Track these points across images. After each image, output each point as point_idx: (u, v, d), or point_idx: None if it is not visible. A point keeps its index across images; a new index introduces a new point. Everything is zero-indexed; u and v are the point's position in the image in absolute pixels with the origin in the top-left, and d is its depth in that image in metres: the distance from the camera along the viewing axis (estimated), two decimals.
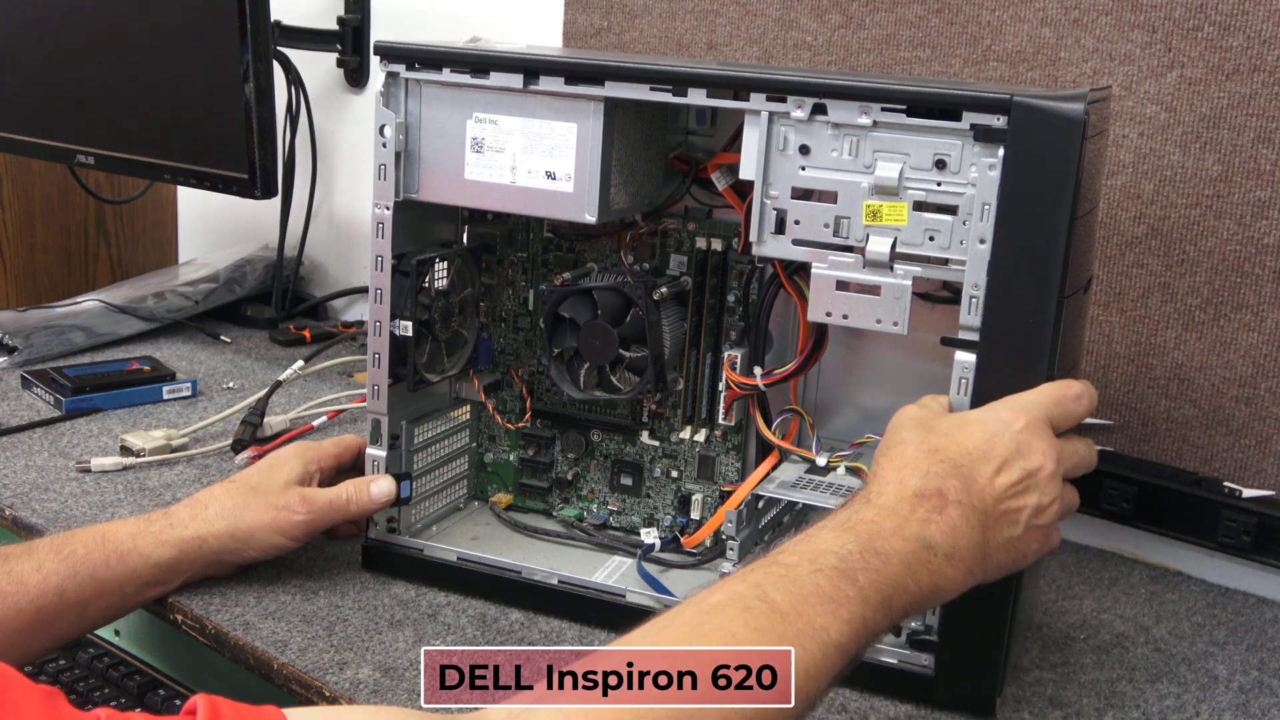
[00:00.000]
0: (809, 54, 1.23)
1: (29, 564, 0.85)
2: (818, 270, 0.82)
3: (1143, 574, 1.08)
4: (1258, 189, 1.01)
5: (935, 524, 0.69)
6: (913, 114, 0.77)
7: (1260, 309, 1.03)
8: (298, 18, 1.63)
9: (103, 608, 0.87)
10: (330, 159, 1.71)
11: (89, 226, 1.87)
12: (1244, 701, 0.88)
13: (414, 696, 0.81)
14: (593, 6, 1.38)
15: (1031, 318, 0.75)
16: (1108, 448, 1.12)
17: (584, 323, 0.93)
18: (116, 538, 0.88)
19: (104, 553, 0.87)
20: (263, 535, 0.91)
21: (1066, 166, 0.73)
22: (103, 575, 0.86)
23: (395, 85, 0.90)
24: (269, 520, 0.91)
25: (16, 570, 0.84)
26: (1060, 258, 0.74)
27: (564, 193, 0.87)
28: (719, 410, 0.96)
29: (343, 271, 1.75)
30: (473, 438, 1.06)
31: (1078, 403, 0.76)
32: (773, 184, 0.82)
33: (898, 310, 0.80)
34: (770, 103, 0.81)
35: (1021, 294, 0.75)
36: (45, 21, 1.54)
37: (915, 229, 0.79)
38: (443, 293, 0.96)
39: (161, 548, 0.89)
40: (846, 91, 0.79)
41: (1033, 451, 0.73)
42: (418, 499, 1.00)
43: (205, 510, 0.91)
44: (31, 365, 1.40)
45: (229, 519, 0.91)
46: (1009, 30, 1.11)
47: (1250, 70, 1.00)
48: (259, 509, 0.91)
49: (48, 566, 0.85)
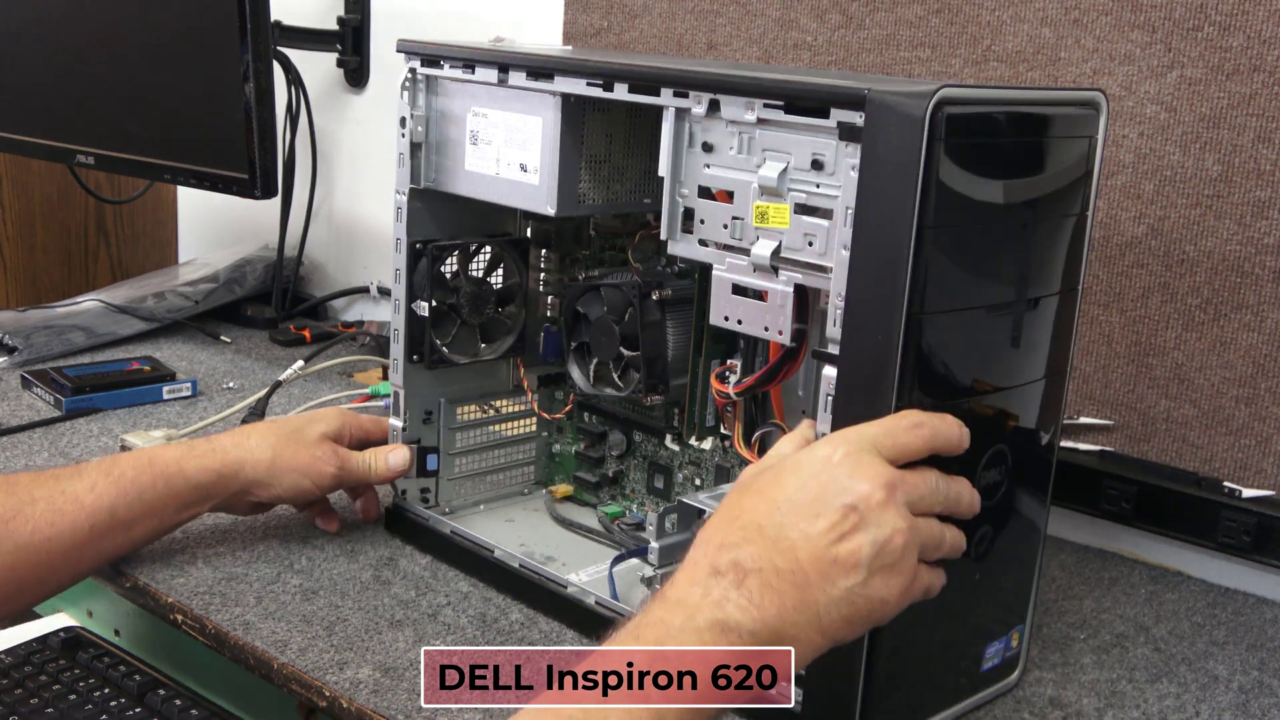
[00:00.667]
0: (809, 54, 1.23)
1: (82, 484, 0.90)
2: (717, 272, 0.79)
3: (1143, 574, 1.08)
4: (1258, 189, 1.01)
5: (733, 601, 0.61)
6: (790, 110, 0.73)
7: (1260, 309, 1.03)
8: (298, 18, 1.63)
9: (148, 528, 0.93)
10: (330, 159, 1.71)
11: (89, 226, 1.87)
12: (1244, 701, 0.88)
13: (414, 696, 0.81)
14: (593, 6, 1.38)
15: (880, 334, 0.69)
16: (1108, 448, 1.12)
17: (594, 319, 0.95)
18: (162, 460, 0.93)
19: (151, 475, 0.92)
20: (293, 476, 0.97)
21: (909, 170, 0.66)
22: (149, 497, 0.92)
23: (412, 80, 0.96)
24: (303, 464, 0.97)
25: (71, 490, 0.89)
26: (905, 270, 0.67)
27: (531, 184, 0.90)
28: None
29: (343, 271, 1.75)
30: (542, 426, 1.10)
31: (913, 432, 0.67)
32: (684, 181, 0.80)
33: (781, 318, 0.75)
34: (677, 98, 0.79)
35: (872, 308, 0.69)
36: (45, 22, 1.54)
37: (796, 233, 0.74)
38: (475, 280, 1.00)
39: (204, 471, 0.94)
40: (733, 87, 0.76)
41: (853, 484, 0.63)
42: (461, 476, 1.05)
43: (247, 440, 0.97)
44: (31, 365, 1.40)
45: (269, 452, 0.96)
46: (1009, 30, 1.11)
47: (1250, 70, 1.00)
48: (296, 451, 0.97)
49: (100, 487, 0.90)
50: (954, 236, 0.70)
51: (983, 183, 0.71)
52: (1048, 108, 0.76)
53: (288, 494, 0.98)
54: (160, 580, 0.94)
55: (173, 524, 0.95)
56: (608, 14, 1.36)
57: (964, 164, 0.69)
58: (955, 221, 0.70)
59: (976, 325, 0.73)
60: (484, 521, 1.04)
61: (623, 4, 1.35)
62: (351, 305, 1.73)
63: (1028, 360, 0.78)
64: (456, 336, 1.01)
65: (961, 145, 0.68)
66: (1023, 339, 0.77)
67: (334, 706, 0.81)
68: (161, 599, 0.92)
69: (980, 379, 0.75)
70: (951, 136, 0.67)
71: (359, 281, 1.71)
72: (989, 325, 0.74)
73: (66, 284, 1.84)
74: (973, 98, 0.69)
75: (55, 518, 0.88)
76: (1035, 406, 0.80)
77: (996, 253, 0.74)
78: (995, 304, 0.74)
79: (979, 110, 0.70)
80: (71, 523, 0.88)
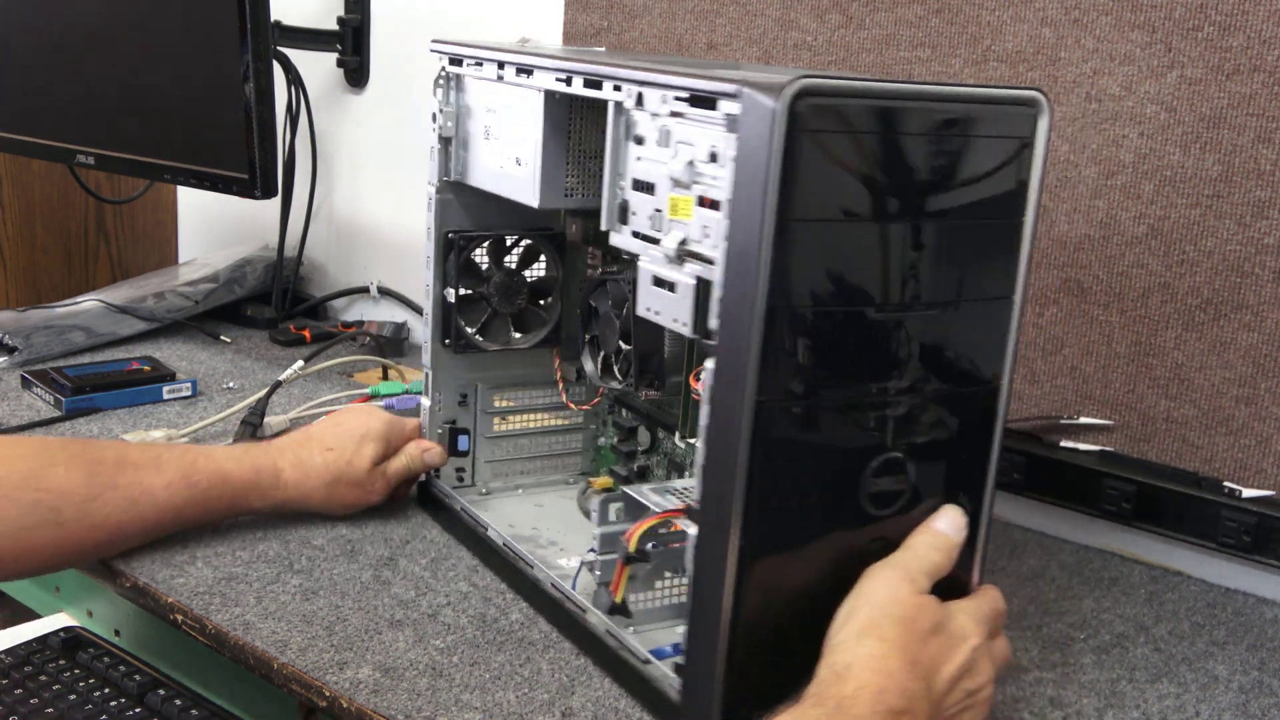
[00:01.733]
0: (809, 54, 1.23)
1: (159, 480, 0.94)
2: (640, 264, 0.78)
3: (1143, 574, 1.08)
4: (1258, 189, 1.01)
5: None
6: (694, 104, 0.73)
7: (1260, 309, 1.03)
8: (298, 18, 1.63)
9: (198, 529, 1.00)
10: (330, 159, 1.71)
11: (89, 226, 1.87)
12: (1244, 701, 0.88)
13: (414, 697, 0.81)
14: (593, 6, 1.38)
15: (742, 328, 0.68)
16: (1108, 448, 1.12)
17: (601, 313, 0.96)
18: (233, 483, 0.98)
19: (221, 493, 0.98)
20: (342, 509, 1.04)
21: (772, 162, 0.65)
22: (214, 510, 0.99)
23: (445, 78, 1.01)
24: (355, 499, 1.04)
25: (149, 484, 0.94)
26: (766, 263, 0.67)
27: (521, 178, 0.94)
28: None
29: (343, 271, 1.75)
30: (588, 419, 1.14)
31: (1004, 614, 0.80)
32: (622, 174, 0.81)
33: (685, 310, 0.74)
34: (615, 92, 0.81)
35: (738, 301, 0.68)
36: (46, 22, 1.54)
37: (697, 225, 0.73)
38: (508, 270, 1.06)
39: (264, 502, 1.01)
40: (652, 81, 0.77)
41: (978, 672, 0.74)
42: (500, 460, 1.11)
43: (306, 480, 1.01)
44: (31, 365, 1.40)
45: (324, 492, 1.02)
46: (1009, 30, 1.11)
47: (1250, 70, 1.00)
48: (348, 488, 1.03)
49: (175, 488, 0.95)
50: (821, 232, 0.69)
51: (855, 178, 0.69)
52: (944, 105, 0.71)
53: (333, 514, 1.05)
54: (160, 580, 0.94)
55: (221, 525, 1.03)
56: (608, 14, 1.36)
57: (832, 158, 0.68)
58: (821, 216, 0.69)
59: (854, 326, 0.71)
60: (510, 504, 1.09)
61: (623, 4, 1.35)
62: (351, 305, 1.73)
63: (936, 368, 0.76)
64: (488, 324, 1.06)
65: (827, 138, 0.67)
66: (919, 346, 0.74)
67: (334, 706, 0.81)
68: (161, 599, 0.92)
69: (868, 382, 0.73)
70: (815, 129, 0.66)
71: (359, 281, 1.71)
72: (871, 327, 0.72)
73: (66, 284, 1.84)
74: (843, 89, 0.67)
75: (130, 509, 0.93)
76: (950, 418, 0.77)
77: (878, 253, 0.72)
78: (880, 305, 0.72)
79: (849, 103, 0.68)
80: (142, 516, 0.94)
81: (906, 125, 0.70)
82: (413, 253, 1.65)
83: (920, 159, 0.71)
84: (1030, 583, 1.05)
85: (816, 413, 0.72)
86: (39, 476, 0.89)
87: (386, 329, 1.56)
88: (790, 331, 0.69)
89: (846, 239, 0.70)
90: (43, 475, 0.89)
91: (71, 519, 0.90)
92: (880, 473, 0.75)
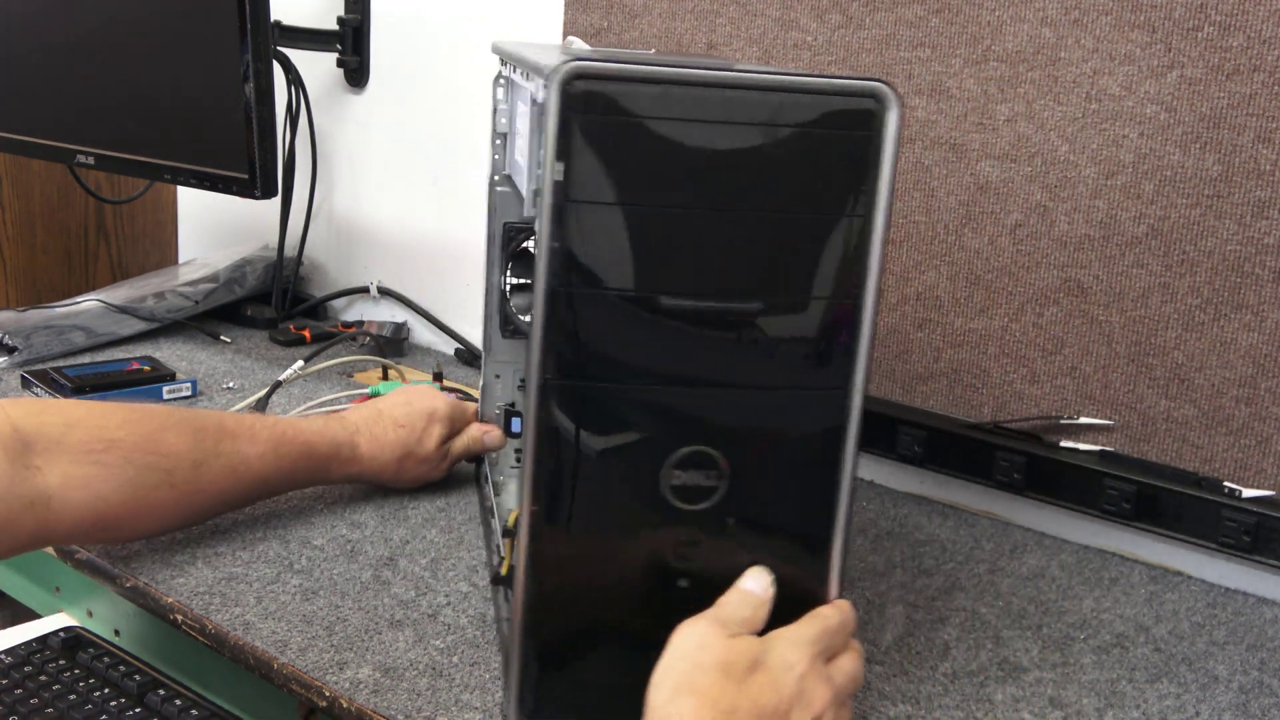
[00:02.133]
0: (809, 54, 1.23)
1: (254, 450, 0.98)
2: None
3: (1143, 574, 1.08)
4: (1258, 189, 1.01)
5: None
6: None
7: (1260, 309, 1.03)
8: (298, 18, 1.63)
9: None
10: (330, 159, 1.71)
11: (89, 226, 1.87)
12: (1244, 701, 0.88)
13: (414, 697, 0.81)
14: (593, 6, 1.38)
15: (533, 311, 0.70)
16: (1108, 448, 1.12)
17: None
18: (317, 455, 1.02)
19: (307, 465, 1.02)
20: (410, 482, 1.10)
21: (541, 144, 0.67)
22: (298, 478, 1.03)
23: (504, 79, 1.07)
24: (421, 474, 1.10)
25: (245, 453, 0.97)
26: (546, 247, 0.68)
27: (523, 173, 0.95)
28: None
29: (343, 271, 1.75)
30: None
31: (842, 631, 0.74)
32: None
33: None
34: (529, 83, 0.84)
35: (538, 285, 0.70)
36: (46, 22, 1.54)
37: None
38: None
39: (342, 474, 1.06)
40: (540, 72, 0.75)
41: (812, 700, 0.70)
42: None
43: (381, 453, 1.06)
44: (31, 365, 1.40)
45: (394, 466, 1.07)
46: (1009, 30, 1.11)
47: (1250, 70, 1.00)
48: (417, 463, 1.08)
49: (268, 458, 0.98)
50: (602, 215, 0.68)
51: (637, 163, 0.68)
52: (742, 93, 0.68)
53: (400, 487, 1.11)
54: (160, 580, 0.94)
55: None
56: (608, 14, 1.36)
57: (608, 141, 0.67)
58: (600, 199, 0.68)
59: (645, 313, 0.70)
60: None
61: (623, 4, 1.35)
62: (351, 305, 1.73)
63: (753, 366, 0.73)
64: None
65: (602, 120, 0.67)
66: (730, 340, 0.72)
67: (334, 706, 0.81)
68: (161, 599, 0.92)
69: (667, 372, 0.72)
70: (588, 111, 0.66)
71: (359, 281, 1.71)
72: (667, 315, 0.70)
73: (66, 284, 1.84)
74: (617, 73, 0.66)
75: (232, 476, 0.96)
76: (776, 420, 0.74)
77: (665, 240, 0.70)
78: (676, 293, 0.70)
79: (625, 88, 0.67)
80: (242, 482, 0.98)
81: (696, 112, 0.68)
82: (413, 253, 1.65)
83: (716, 146, 0.68)
84: (1030, 583, 1.05)
85: (605, 397, 0.71)
86: (154, 440, 0.92)
87: (386, 329, 1.56)
88: (572, 313, 0.69)
89: (630, 224, 0.69)
90: (157, 439, 0.92)
91: (182, 481, 0.93)
92: (685, 465, 0.73)
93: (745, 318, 0.72)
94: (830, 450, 0.75)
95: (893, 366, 1.24)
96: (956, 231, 1.17)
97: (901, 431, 1.21)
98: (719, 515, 0.74)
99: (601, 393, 0.71)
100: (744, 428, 0.73)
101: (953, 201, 1.17)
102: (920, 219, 1.19)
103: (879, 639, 0.93)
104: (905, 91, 1.17)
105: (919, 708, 0.84)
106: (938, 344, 1.21)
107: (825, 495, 0.75)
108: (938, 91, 1.16)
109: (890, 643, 0.93)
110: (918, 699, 0.85)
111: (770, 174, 0.70)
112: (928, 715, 0.83)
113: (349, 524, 1.05)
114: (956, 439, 1.18)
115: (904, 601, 1.00)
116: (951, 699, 0.85)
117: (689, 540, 0.74)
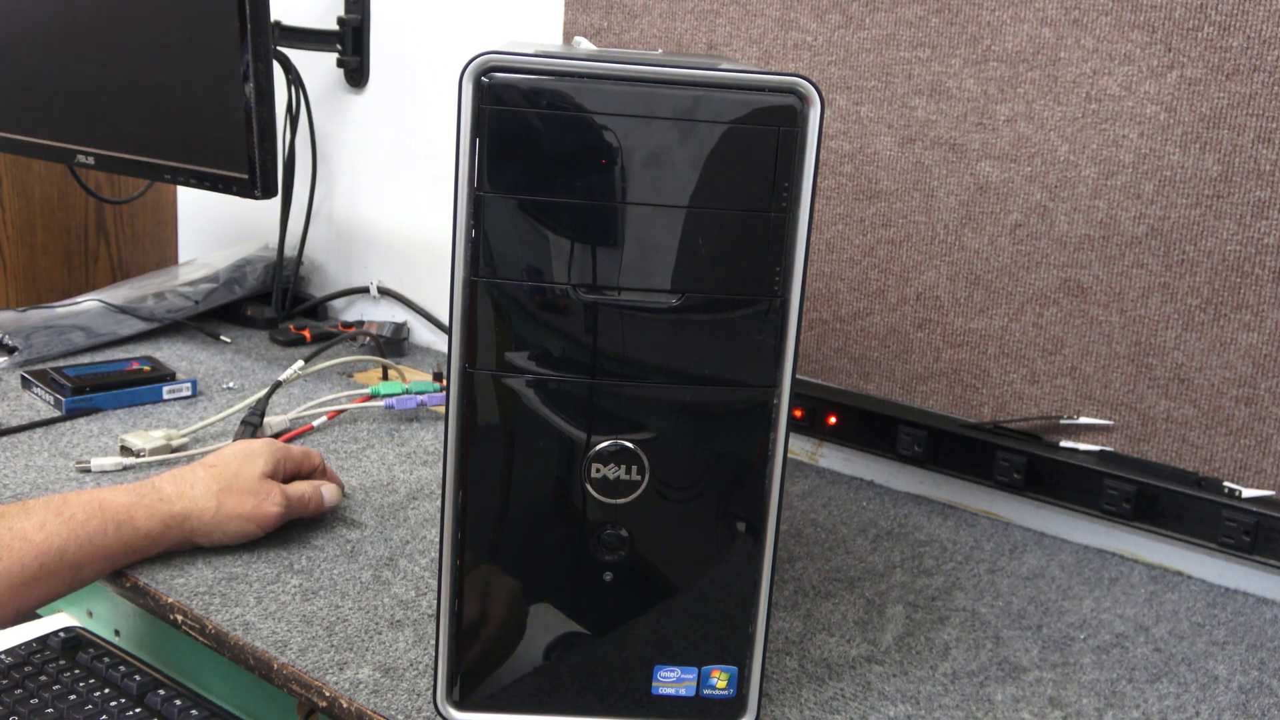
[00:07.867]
0: (809, 54, 1.23)
1: (30, 522, 0.89)
2: None
3: (1143, 574, 1.08)
4: (1258, 189, 1.01)
5: None
6: None
7: (1260, 309, 1.03)
8: (298, 18, 1.63)
9: (96, 570, 0.93)
10: (330, 159, 1.71)
11: (89, 226, 1.87)
12: (1244, 701, 0.88)
13: (414, 697, 0.81)
14: (593, 6, 1.38)
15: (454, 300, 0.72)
16: (1108, 448, 1.12)
17: None
18: (113, 506, 0.93)
19: (102, 520, 0.92)
20: (238, 523, 0.98)
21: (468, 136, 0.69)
22: (100, 542, 0.91)
23: None
24: (249, 509, 0.98)
25: (18, 527, 0.88)
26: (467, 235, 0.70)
27: None
28: None
29: (343, 271, 1.75)
30: None
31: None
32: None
33: None
34: None
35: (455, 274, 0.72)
36: (45, 22, 1.54)
37: None
38: None
39: (152, 520, 0.95)
40: None
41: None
42: None
43: (191, 490, 0.97)
44: (31, 365, 1.40)
45: (214, 501, 0.97)
46: (1009, 30, 1.11)
47: (1250, 70, 1.00)
48: (240, 499, 0.98)
49: (50, 527, 0.89)
50: (515, 208, 0.69)
51: (548, 156, 0.69)
52: (650, 87, 0.68)
53: (232, 539, 0.98)
54: (160, 580, 0.94)
55: (120, 566, 0.94)
56: (608, 14, 1.36)
57: (520, 134, 0.68)
58: (512, 190, 0.69)
59: (559, 305, 0.71)
60: None
61: (623, 4, 1.35)
62: (351, 305, 1.73)
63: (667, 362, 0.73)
64: None
65: (514, 114, 0.68)
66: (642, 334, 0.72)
67: (334, 707, 0.81)
68: (161, 599, 0.92)
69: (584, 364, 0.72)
70: (499, 104, 0.67)
71: (359, 281, 1.71)
72: (580, 309, 0.71)
73: (66, 284, 1.84)
74: (527, 66, 0.67)
75: (3, 553, 0.86)
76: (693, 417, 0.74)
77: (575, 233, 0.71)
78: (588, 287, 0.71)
79: (537, 81, 0.68)
80: (20, 559, 0.87)
81: (613, 106, 0.68)
82: (413, 252, 1.65)
83: (634, 141, 0.69)
84: (1030, 583, 1.05)
85: (523, 389, 0.72)
86: None
87: (386, 329, 1.56)
88: (489, 303, 0.71)
89: (542, 217, 0.70)
90: None
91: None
92: (605, 459, 0.73)
93: (665, 313, 0.72)
94: (750, 449, 0.75)
95: (893, 366, 1.24)
96: (956, 231, 1.17)
97: (901, 431, 1.21)
98: (641, 509, 0.74)
99: (520, 384, 0.72)
100: (667, 424, 0.74)
101: (953, 201, 1.17)
102: (920, 219, 1.19)
103: (879, 638, 0.93)
104: (905, 91, 1.17)
105: (919, 708, 0.84)
106: (938, 344, 1.21)
107: (752, 495, 0.75)
108: (938, 91, 1.16)
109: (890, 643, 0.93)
110: (918, 699, 0.85)
111: (689, 169, 0.70)
112: (928, 715, 0.83)
113: (349, 524, 1.05)
114: (956, 439, 1.18)
115: (904, 601, 1.00)
116: (951, 699, 0.85)
117: (612, 533, 0.75)
